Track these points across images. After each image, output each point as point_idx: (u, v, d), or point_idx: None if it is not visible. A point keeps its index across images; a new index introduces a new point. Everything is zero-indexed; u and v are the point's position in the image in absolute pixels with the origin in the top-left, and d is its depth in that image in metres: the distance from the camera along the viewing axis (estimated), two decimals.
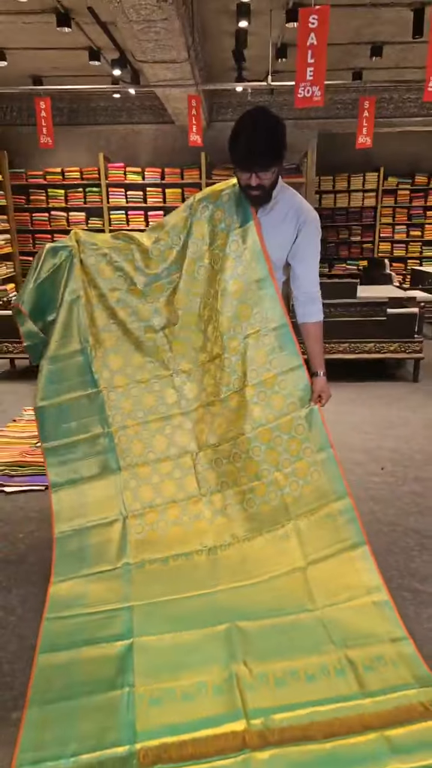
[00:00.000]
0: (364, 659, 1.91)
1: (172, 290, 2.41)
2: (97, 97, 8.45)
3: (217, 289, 2.32)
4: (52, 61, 6.97)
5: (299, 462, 2.30)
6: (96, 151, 8.72)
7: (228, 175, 8.52)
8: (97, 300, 2.42)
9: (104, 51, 6.52)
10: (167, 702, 1.77)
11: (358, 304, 4.96)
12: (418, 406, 4.63)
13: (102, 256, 2.41)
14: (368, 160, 9.30)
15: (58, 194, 8.74)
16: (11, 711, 1.77)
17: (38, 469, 3.42)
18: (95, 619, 2.11)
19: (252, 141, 1.97)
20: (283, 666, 1.89)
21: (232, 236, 2.26)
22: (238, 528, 2.37)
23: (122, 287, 2.43)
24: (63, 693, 1.80)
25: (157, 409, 2.46)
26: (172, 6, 3.65)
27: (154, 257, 2.40)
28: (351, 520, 2.25)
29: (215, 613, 2.11)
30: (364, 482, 3.26)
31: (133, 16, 3.85)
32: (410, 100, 8.40)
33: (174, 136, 8.72)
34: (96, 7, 5.19)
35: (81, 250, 2.40)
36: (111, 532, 2.39)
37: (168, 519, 2.41)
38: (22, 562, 2.56)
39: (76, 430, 2.42)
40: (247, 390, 2.31)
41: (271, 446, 2.31)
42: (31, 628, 2.12)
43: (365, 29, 5.85)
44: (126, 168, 8.57)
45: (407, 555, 2.57)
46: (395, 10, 5.34)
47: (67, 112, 8.59)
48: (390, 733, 1.65)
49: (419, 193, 9.51)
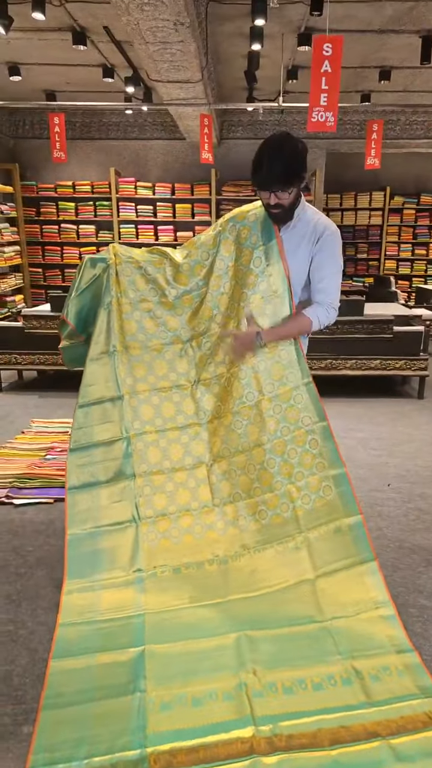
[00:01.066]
0: (371, 669, 1.95)
1: (199, 303, 2.51)
2: (109, 112, 8.60)
3: (240, 303, 2.41)
4: (65, 76, 7.12)
5: (312, 476, 2.35)
6: (107, 165, 8.86)
7: (237, 191, 8.67)
8: (129, 309, 2.52)
9: (118, 68, 6.66)
10: (178, 707, 1.80)
11: (366, 322, 5.03)
12: (423, 423, 4.67)
13: (137, 268, 2.53)
14: (375, 179, 9.43)
15: (68, 207, 8.86)
16: (22, 725, 1.77)
17: (47, 481, 3.45)
18: (108, 626, 2.15)
19: (271, 162, 2.11)
20: (291, 675, 1.93)
21: (256, 253, 2.37)
22: (249, 539, 2.41)
23: (154, 299, 2.53)
24: (76, 697, 1.83)
25: (176, 418, 2.52)
26: (189, 29, 3.75)
27: (185, 272, 2.51)
28: (361, 536, 2.29)
29: (226, 622, 2.15)
30: (371, 498, 3.29)
31: (150, 38, 3.96)
32: (417, 122, 8.55)
33: (185, 153, 8.87)
34: (111, 26, 5.33)
35: (118, 262, 2.51)
36: (123, 538, 2.43)
37: (181, 527, 2.45)
38: (32, 575, 2.56)
39: (97, 433, 2.48)
40: (263, 402, 2.38)
41: (285, 459, 2.37)
42: (41, 642, 2.12)
43: (373, 54, 5.98)
44: (137, 183, 8.70)
45: (414, 571, 2.60)
46: (404, 36, 5.47)
47: (79, 126, 8.75)
48: (394, 741, 1.69)
49: (425, 213, 9.62)
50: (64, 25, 5.37)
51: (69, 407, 4.97)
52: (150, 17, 3.50)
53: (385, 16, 4.98)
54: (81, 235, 8.93)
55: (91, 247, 8.96)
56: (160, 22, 3.57)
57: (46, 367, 5.45)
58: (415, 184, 9.69)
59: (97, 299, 2.52)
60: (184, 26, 3.62)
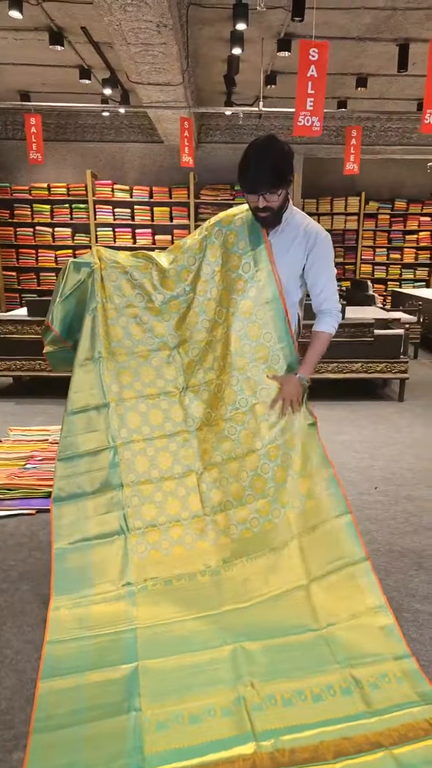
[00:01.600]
0: (369, 677, 1.92)
1: (185, 309, 2.46)
2: (85, 114, 8.51)
3: (229, 309, 2.37)
4: (41, 77, 7.01)
5: (302, 479, 2.32)
6: (83, 167, 8.77)
7: (216, 194, 8.66)
8: (114, 314, 2.46)
9: (95, 70, 6.59)
10: (175, 726, 1.73)
11: (347, 325, 5.04)
12: (404, 425, 4.70)
13: (123, 273, 2.47)
14: (351, 184, 9.53)
15: (43, 209, 8.73)
16: (12, 751, 1.68)
17: (28, 491, 3.35)
18: (98, 642, 2.07)
19: (259, 165, 2.07)
20: (290, 686, 1.88)
21: (244, 258, 2.33)
22: (241, 548, 2.37)
23: (140, 304, 2.48)
24: (68, 719, 1.75)
25: (164, 426, 2.46)
26: (171, 31, 3.72)
27: (171, 277, 2.46)
28: (352, 536, 2.27)
29: (220, 635, 2.10)
30: (359, 501, 3.28)
31: (132, 39, 3.91)
32: (391, 129, 8.66)
33: (163, 156, 8.82)
34: (89, 27, 5.27)
35: (103, 266, 2.44)
36: (112, 551, 2.35)
37: (171, 538, 2.39)
38: (16, 590, 2.46)
39: (81, 443, 2.40)
40: (257, 407, 2.34)
41: (279, 463, 2.33)
42: (29, 661, 2.03)
43: (352, 61, 6.04)
44: (114, 185, 8.62)
45: (405, 575, 2.59)
46: (381, 44, 5.53)
47: (54, 127, 8.63)
48: (397, 751, 1.66)
49: (398, 218, 9.77)
50: (41, 24, 5.29)
51: (47, 414, 4.90)
52: (133, 18, 3.45)
53: (363, 24, 5.04)
54: (56, 238, 8.81)
55: (67, 250, 8.84)
56: (142, 23, 3.53)
57: (23, 373, 5.33)
58: (389, 189, 9.84)
59: (83, 305, 2.45)
60: (167, 28, 3.58)
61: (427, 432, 4.54)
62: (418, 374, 6.43)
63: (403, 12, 4.74)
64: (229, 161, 8.72)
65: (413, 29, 5.15)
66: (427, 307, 7.41)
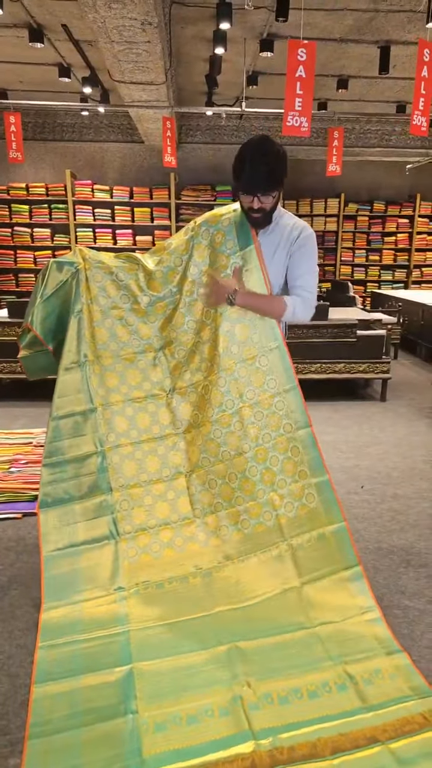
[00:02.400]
0: (363, 673, 1.94)
1: (172, 310, 2.43)
2: (63, 113, 8.43)
3: (217, 310, 2.35)
4: (19, 74, 6.93)
5: (295, 484, 2.33)
6: (62, 167, 8.68)
7: (197, 195, 8.65)
8: (99, 316, 2.41)
9: (75, 68, 6.53)
10: (172, 727, 1.72)
11: (330, 326, 5.08)
12: (388, 425, 4.75)
13: (108, 274, 2.42)
14: (330, 186, 9.60)
15: (22, 210, 8.62)
16: (8, 758, 1.65)
17: (13, 495, 3.30)
18: (92, 645, 2.05)
19: (255, 166, 2.07)
20: (286, 684, 1.89)
21: (233, 258, 2.32)
22: (232, 549, 2.36)
23: (126, 305, 2.43)
24: (64, 724, 1.73)
25: (151, 429, 2.43)
26: (156, 29, 3.70)
27: (157, 279, 2.42)
28: (345, 542, 2.28)
29: (214, 635, 2.09)
30: (346, 501, 3.31)
31: (116, 37, 3.88)
32: (371, 131, 8.77)
33: (143, 156, 8.79)
34: (70, 25, 5.22)
35: (87, 267, 2.39)
36: (102, 556, 2.33)
37: (161, 541, 2.38)
38: (5, 595, 2.42)
39: (68, 447, 2.37)
40: (244, 409, 2.33)
41: (267, 466, 2.33)
42: (22, 666, 2.00)
43: (333, 62, 6.09)
44: (94, 185, 8.55)
45: (394, 572, 2.61)
46: (362, 46, 5.59)
47: (32, 126, 8.53)
48: (394, 745, 1.68)
49: (377, 220, 9.86)
50: (20, 21, 5.23)
51: (29, 417, 4.83)
52: (117, 15, 3.43)
53: (346, 25, 5.08)
54: (35, 239, 8.71)
55: (47, 251, 8.74)
56: (127, 21, 3.51)
57: (3, 375, 5.25)
58: (368, 191, 9.93)
59: (66, 306, 2.39)
60: (151, 26, 3.56)
61: (410, 431, 4.60)
62: (399, 374, 6.52)
63: (385, 14, 4.80)
64: (209, 162, 8.72)
65: (395, 31, 5.22)
66: (407, 308, 7.52)
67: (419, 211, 9.73)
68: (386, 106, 7.80)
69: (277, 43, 5.31)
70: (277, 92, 7.01)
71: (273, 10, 4.39)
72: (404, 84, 6.85)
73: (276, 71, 6.33)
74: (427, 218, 9.87)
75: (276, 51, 5.35)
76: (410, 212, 9.75)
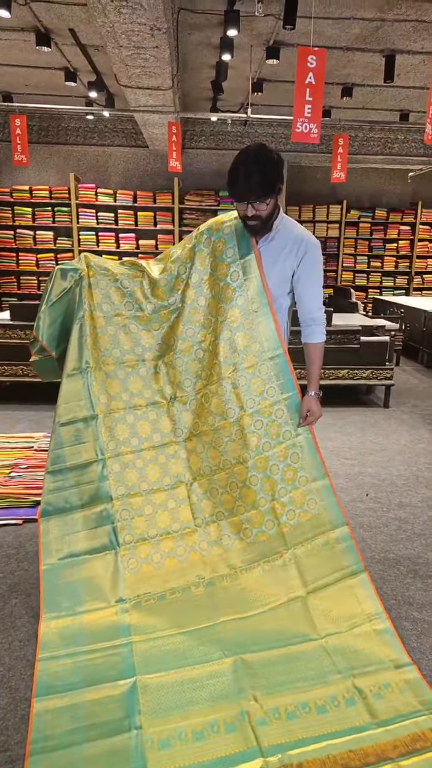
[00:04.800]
0: (372, 687, 1.90)
1: (176, 318, 2.42)
2: (68, 117, 8.43)
3: (217, 318, 2.34)
4: (25, 78, 6.93)
5: (295, 490, 2.30)
6: (66, 170, 8.68)
7: (200, 200, 8.65)
8: (102, 323, 2.39)
9: (80, 72, 6.54)
10: (178, 744, 1.68)
11: (334, 332, 5.06)
12: (391, 431, 4.73)
13: (113, 281, 2.40)
14: (332, 193, 9.62)
15: (25, 212, 8.60)
16: None
17: (14, 501, 3.26)
18: (94, 657, 2.00)
19: (248, 174, 2.05)
20: (293, 699, 1.85)
21: (233, 267, 2.30)
22: (234, 559, 2.33)
23: (129, 313, 2.42)
24: (66, 739, 1.68)
25: (152, 437, 2.41)
26: (165, 35, 3.69)
27: (162, 287, 2.41)
28: (349, 547, 2.25)
29: (218, 647, 2.05)
30: (351, 508, 3.28)
31: (124, 41, 3.87)
32: (374, 138, 8.78)
33: (147, 160, 8.79)
34: (77, 29, 5.22)
35: (91, 273, 2.37)
36: (103, 566, 2.29)
37: (162, 551, 2.34)
38: (5, 605, 2.38)
39: (69, 455, 2.34)
40: (244, 418, 2.32)
41: (268, 474, 2.30)
42: (22, 679, 1.96)
43: (339, 70, 6.10)
44: (97, 189, 8.54)
45: (402, 583, 2.58)
46: (368, 55, 5.60)
47: (36, 129, 8.53)
48: (404, 763, 1.64)
49: (379, 226, 9.88)
50: (28, 25, 5.23)
51: (30, 421, 4.80)
52: (127, 20, 3.42)
53: (352, 34, 5.09)
54: (38, 241, 8.69)
55: (49, 253, 8.73)
56: (136, 26, 3.49)
57: (4, 378, 5.21)
58: (370, 198, 9.96)
59: (70, 313, 2.37)
60: (160, 32, 3.55)
61: (413, 438, 4.57)
62: (402, 381, 6.50)
63: (391, 24, 4.80)
64: (213, 167, 8.72)
65: (400, 41, 5.22)
66: (409, 315, 7.51)
67: (421, 218, 9.75)
68: (389, 114, 7.81)
69: (283, 50, 5.31)
70: (281, 99, 7.04)
71: (280, 17, 4.38)
72: (408, 93, 6.86)
73: (281, 78, 6.34)
74: (429, 225, 9.88)
75: (282, 58, 5.35)
76: (412, 219, 9.76)
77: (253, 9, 4.02)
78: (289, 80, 6.21)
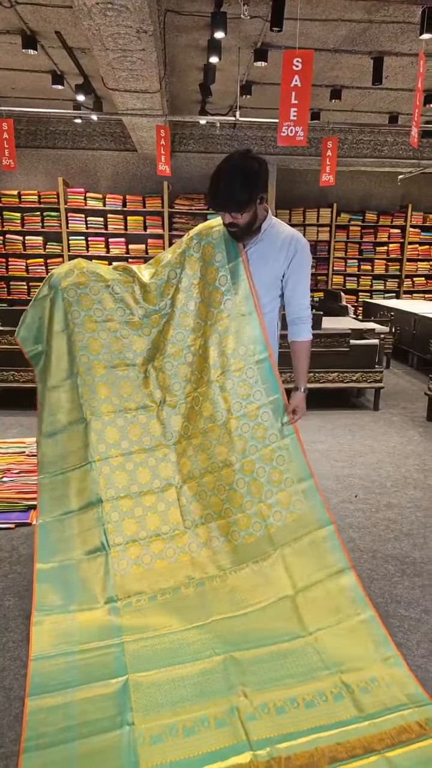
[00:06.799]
0: (359, 682, 1.93)
1: (166, 322, 2.45)
2: (56, 120, 8.43)
3: (207, 322, 2.38)
4: (11, 81, 6.92)
5: (281, 492, 2.33)
6: (54, 175, 8.68)
7: (190, 204, 8.68)
8: (94, 327, 2.43)
9: (68, 76, 6.54)
10: (169, 739, 1.70)
11: (323, 336, 5.09)
12: (380, 434, 4.76)
13: (105, 287, 2.44)
14: (323, 196, 9.68)
15: (13, 217, 8.58)
16: None
17: (7, 505, 3.25)
18: (86, 657, 2.02)
19: (225, 186, 2.07)
20: (282, 694, 1.87)
21: (221, 271, 2.34)
22: (223, 560, 2.35)
23: (121, 318, 2.46)
24: (59, 737, 1.70)
25: (142, 440, 2.44)
26: (151, 37, 3.71)
27: (152, 292, 2.45)
28: (335, 546, 2.28)
29: (209, 645, 2.07)
30: (340, 510, 3.30)
31: (111, 44, 3.89)
32: (363, 141, 8.84)
33: (136, 164, 8.81)
34: (64, 32, 5.23)
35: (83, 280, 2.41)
36: (94, 568, 2.31)
37: (152, 553, 2.36)
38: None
39: (62, 461, 2.37)
40: (231, 421, 2.34)
41: (254, 477, 2.33)
42: (16, 678, 1.97)
43: (327, 73, 6.14)
44: (86, 193, 8.55)
45: (389, 581, 2.60)
46: (356, 57, 5.65)
47: (24, 133, 8.52)
48: (390, 754, 1.67)
49: (369, 230, 9.94)
50: (14, 27, 5.22)
51: (21, 426, 4.79)
52: (113, 23, 3.43)
53: (339, 35, 5.13)
54: (27, 247, 8.68)
55: (39, 259, 8.72)
56: (122, 29, 3.51)
57: None
58: (360, 201, 10.02)
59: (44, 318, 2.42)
60: (147, 34, 3.57)
61: (403, 440, 4.60)
62: (391, 383, 6.54)
63: (378, 25, 4.84)
64: (203, 170, 8.75)
65: (388, 42, 5.27)
66: (399, 318, 7.56)
67: (411, 221, 9.82)
68: (379, 116, 7.88)
69: (271, 52, 5.35)
70: (270, 102, 7.07)
71: (267, 20, 4.42)
72: (397, 95, 6.93)
73: (270, 81, 6.37)
74: (419, 228, 9.96)
75: (270, 61, 5.38)
76: (402, 222, 9.83)
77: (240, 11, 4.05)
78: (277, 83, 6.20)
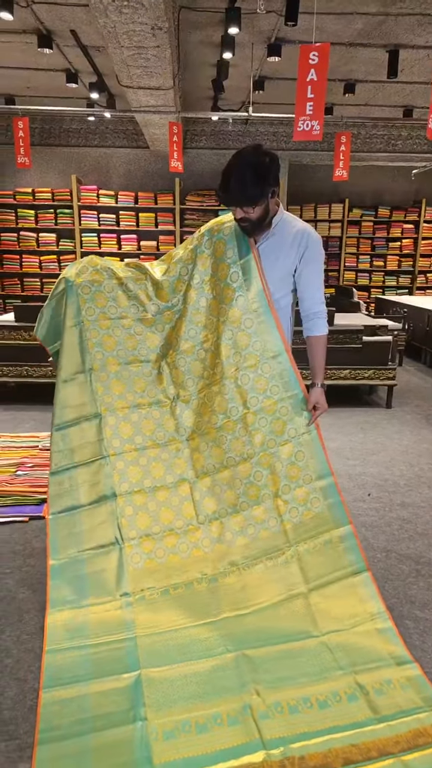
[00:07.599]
0: (374, 683, 1.92)
1: (179, 318, 2.46)
2: (69, 118, 8.46)
3: (219, 318, 2.37)
4: (26, 80, 6.96)
5: (299, 488, 2.31)
6: (68, 172, 8.71)
7: (201, 200, 8.67)
8: (108, 324, 2.44)
9: (82, 74, 6.56)
10: (182, 735, 1.71)
11: (336, 332, 5.06)
12: (393, 432, 4.73)
13: (119, 284, 2.45)
14: (334, 191, 9.61)
15: (28, 215, 8.64)
16: (17, 763, 1.64)
17: (20, 498, 3.29)
18: (99, 651, 2.03)
19: (236, 181, 2.06)
20: (295, 693, 1.87)
21: (233, 267, 2.33)
22: (237, 555, 2.35)
23: (134, 315, 2.47)
24: (73, 729, 1.72)
25: (156, 435, 2.44)
26: (166, 34, 3.71)
27: (165, 289, 2.46)
28: (352, 546, 2.26)
29: (221, 642, 2.07)
30: (353, 508, 3.28)
31: (126, 41, 3.89)
32: (377, 136, 8.77)
33: (148, 161, 8.81)
34: (79, 30, 5.24)
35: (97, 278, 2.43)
36: (107, 561, 2.32)
37: (165, 547, 2.37)
38: (13, 599, 2.41)
39: (74, 455, 2.38)
40: (248, 416, 2.34)
41: (272, 471, 2.32)
42: (30, 670, 1.99)
43: (341, 67, 6.09)
44: (99, 191, 8.57)
45: (404, 582, 2.59)
46: (371, 50, 5.59)
47: (39, 132, 8.56)
48: (406, 758, 1.66)
49: (382, 225, 9.86)
50: (29, 27, 5.25)
51: (35, 421, 4.83)
52: (128, 20, 3.43)
53: (355, 29, 5.08)
54: (41, 244, 8.73)
55: (52, 255, 8.76)
56: (137, 26, 3.51)
57: (9, 379, 5.24)
58: (372, 197, 9.94)
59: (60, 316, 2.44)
60: (161, 31, 3.57)
61: (416, 438, 4.57)
62: (404, 381, 6.50)
63: (395, 18, 4.79)
64: (214, 167, 8.74)
65: (404, 35, 5.21)
66: (412, 314, 7.50)
67: (425, 216, 9.72)
68: (393, 110, 7.80)
69: (285, 47, 5.31)
70: (283, 97, 7.04)
71: (282, 14, 4.39)
72: (412, 88, 6.85)
73: (283, 76, 6.34)
74: None
75: (283, 55, 5.35)
76: (415, 218, 9.73)
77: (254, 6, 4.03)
78: (291, 77, 6.21)
